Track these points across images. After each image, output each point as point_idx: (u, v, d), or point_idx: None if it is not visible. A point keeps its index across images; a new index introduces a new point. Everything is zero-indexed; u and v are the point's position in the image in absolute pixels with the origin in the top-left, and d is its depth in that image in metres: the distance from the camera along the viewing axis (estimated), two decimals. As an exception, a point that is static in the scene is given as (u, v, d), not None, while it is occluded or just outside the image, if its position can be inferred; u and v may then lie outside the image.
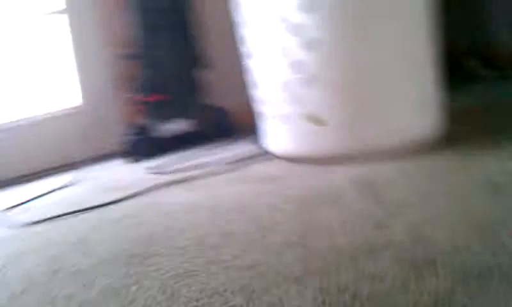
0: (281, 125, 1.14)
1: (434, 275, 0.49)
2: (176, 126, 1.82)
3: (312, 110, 1.04)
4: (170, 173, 1.37)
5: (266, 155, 1.26)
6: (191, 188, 1.12)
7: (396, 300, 0.47)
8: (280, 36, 1.06)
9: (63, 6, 2.14)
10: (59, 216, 1.13)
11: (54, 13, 2.19)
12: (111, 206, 1.12)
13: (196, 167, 1.36)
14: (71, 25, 2.17)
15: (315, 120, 1.06)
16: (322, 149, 1.05)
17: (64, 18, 2.17)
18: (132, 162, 1.81)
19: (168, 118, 1.82)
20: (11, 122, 2.19)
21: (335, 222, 0.68)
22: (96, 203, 1.18)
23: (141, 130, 1.83)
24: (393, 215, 0.65)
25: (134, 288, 0.61)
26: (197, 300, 0.54)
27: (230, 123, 1.87)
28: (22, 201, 1.33)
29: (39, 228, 1.07)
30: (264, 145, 1.30)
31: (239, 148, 1.53)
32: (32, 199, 1.45)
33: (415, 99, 1.01)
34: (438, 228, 0.59)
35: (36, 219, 1.13)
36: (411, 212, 0.66)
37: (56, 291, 0.66)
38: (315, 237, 0.64)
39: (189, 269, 0.63)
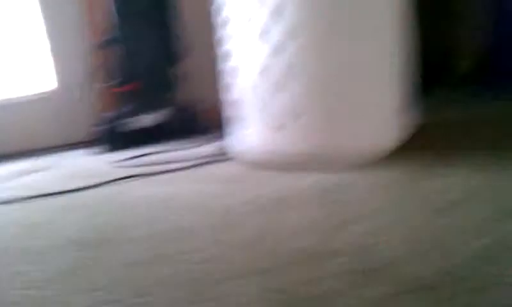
0: (248, 128, 1.15)
1: (374, 283, 0.52)
2: (147, 119, 1.82)
3: (277, 114, 1.06)
4: (135, 166, 1.38)
5: (231, 156, 1.28)
6: (153, 183, 1.12)
7: (333, 304, 0.49)
8: (249, 39, 1.09)
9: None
10: (19, 199, 1.12)
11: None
12: (72, 194, 1.12)
13: (161, 162, 1.36)
14: (43, 8, 2.15)
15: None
16: (284, 152, 1.07)
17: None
18: (101, 152, 1.81)
19: (139, 110, 1.81)
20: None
21: (287, 227, 0.70)
22: (58, 190, 1.18)
23: (112, 121, 1.83)
24: (343, 224, 0.68)
25: (80, 272, 0.62)
26: (140, 289, 0.55)
27: (200, 120, 1.88)
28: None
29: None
30: (230, 146, 1.31)
31: (206, 147, 1.54)
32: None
33: (382, 108, 1.03)
34: (381, 239, 0.61)
35: (-5, 199, 1.12)
36: (359, 222, 0.68)
37: (1, 269, 0.66)
38: (265, 240, 0.66)
39: (137, 260, 0.64)
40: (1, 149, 2.05)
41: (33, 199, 1.11)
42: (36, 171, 1.59)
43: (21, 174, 1.55)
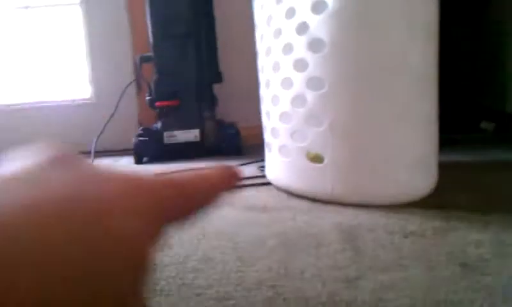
0: (280, 156, 1.17)
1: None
2: (185, 135, 1.86)
3: (311, 146, 1.07)
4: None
5: (265, 181, 1.30)
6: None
7: None
8: (286, 69, 1.11)
9: None
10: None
11: (71, 4, 2.27)
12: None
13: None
14: (88, 17, 2.24)
15: (314, 157, 1.09)
16: (315, 188, 1.08)
17: (81, 11, 2.25)
18: (138, 163, 1.86)
19: (177, 125, 1.86)
20: (27, 103, 2.26)
21: (310, 270, 0.70)
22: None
23: (150, 133, 1.88)
24: (364, 272, 0.68)
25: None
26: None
27: (238, 141, 1.91)
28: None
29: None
30: (264, 171, 1.33)
31: (245, 168, 1.56)
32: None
33: (411, 157, 1.03)
34: (401, 293, 0.62)
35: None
36: (380, 272, 0.68)
37: None
38: (287, 280, 0.67)
39: (163, 288, 0.67)
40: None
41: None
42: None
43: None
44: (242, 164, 1.63)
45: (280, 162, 1.17)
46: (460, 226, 0.86)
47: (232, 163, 1.67)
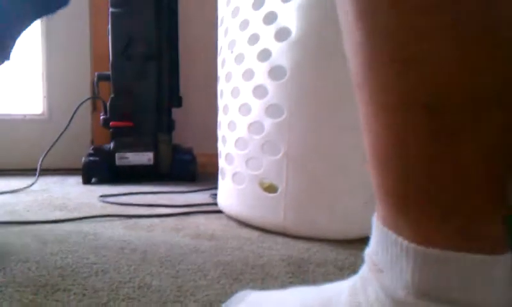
0: (233, 183, 1.13)
1: None
2: (138, 157, 1.80)
3: (266, 175, 1.04)
4: (120, 204, 1.35)
5: (216, 209, 1.25)
6: (133, 227, 1.09)
7: None
8: (245, 95, 1.08)
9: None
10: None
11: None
12: (49, 225, 1.09)
13: (144, 205, 1.33)
14: (47, 29, 2.17)
15: (268, 187, 1.05)
16: (267, 217, 1.04)
17: (40, 22, 2.18)
18: (86, 183, 1.78)
19: (131, 147, 1.80)
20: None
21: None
22: (34, 218, 1.15)
23: (101, 153, 1.81)
24: None
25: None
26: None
27: (194, 167, 1.87)
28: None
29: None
30: (216, 199, 1.29)
31: (194, 195, 1.52)
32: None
33: (370, 193, 1.01)
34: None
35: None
36: None
37: None
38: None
39: (91, 315, 0.61)
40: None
41: (8, 225, 1.08)
42: (18, 192, 1.56)
43: (5, 193, 1.52)
44: (194, 191, 1.58)
45: (233, 189, 1.13)
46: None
47: (184, 189, 1.62)
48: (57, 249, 0.90)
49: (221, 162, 1.21)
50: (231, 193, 1.14)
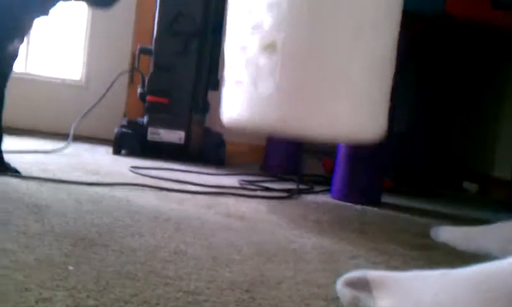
0: (233, 91, 1.11)
1: None
2: (170, 135, 1.82)
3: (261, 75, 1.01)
4: (149, 177, 1.36)
5: (246, 193, 1.26)
6: (164, 198, 1.10)
7: None
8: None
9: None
10: (31, 178, 1.11)
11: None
12: (83, 187, 1.11)
13: (174, 180, 1.35)
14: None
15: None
16: (262, 118, 1.03)
17: None
18: (115, 153, 1.80)
19: (164, 124, 1.81)
20: (21, 73, 2.19)
21: (287, 282, 0.67)
22: (69, 179, 1.17)
23: (134, 126, 1.83)
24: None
25: (71, 267, 0.60)
26: (125, 303, 0.52)
27: (222, 152, 1.88)
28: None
29: (6, 179, 1.06)
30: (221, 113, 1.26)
31: (222, 178, 1.53)
32: (18, 152, 1.44)
33: (360, 98, 1.00)
34: None
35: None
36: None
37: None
38: (263, 287, 0.63)
39: (130, 271, 0.62)
40: (24, 124, 2.06)
41: (46, 181, 1.10)
42: (52, 154, 1.59)
43: (39, 153, 1.55)
44: (223, 174, 1.60)
45: (234, 98, 1.11)
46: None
47: (212, 171, 1.64)
48: (93, 209, 0.92)
49: (225, 73, 1.18)
50: (233, 103, 1.12)
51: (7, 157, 1.15)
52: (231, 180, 1.51)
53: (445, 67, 2.13)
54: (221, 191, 1.27)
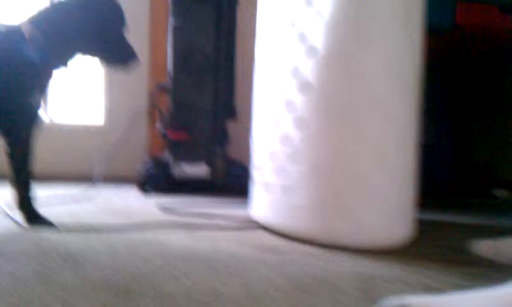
0: (263, 194, 1.19)
1: None
2: (194, 169, 1.83)
3: (293, 186, 1.08)
4: (177, 214, 1.38)
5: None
6: (194, 236, 1.11)
7: None
8: (274, 108, 1.14)
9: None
10: (63, 227, 1.14)
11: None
12: (115, 232, 1.12)
13: (203, 216, 1.36)
14: None
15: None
16: (295, 227, 1.10)
17: None
18: (144, 192, 1.82)
19: (187, 159, 1.84)
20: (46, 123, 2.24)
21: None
22: (99, 224, 1.19)
23: (158, 164, 1.85)
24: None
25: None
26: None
27: (247, 180, 1.88)
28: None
29: (39, 229, 1.08)
30: (249, 210, 1.32)
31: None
32: (47, 200, 1.48)
33: (388, 205, 1.04)
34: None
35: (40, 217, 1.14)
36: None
37: (35, 298, 0.66)
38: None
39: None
40: (51, 171, 2.11)
41: (74, 230, 1.12)
42: (80, 199, 1.62)
43: (67, 200, 1.58)
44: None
45: (265, 200, 1.18)
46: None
47: (238, 201, 1.64)
48: (126, 255, 0.93)
49: (254, 173, 1.27)
50: (263, 203, 1.19)
51: (37, 206, 1.18)
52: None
53: (462, 76, 2.13)
54: (251, 225, 1.27)
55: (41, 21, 1.12)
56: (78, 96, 2.32)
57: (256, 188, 1.24)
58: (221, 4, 1.85)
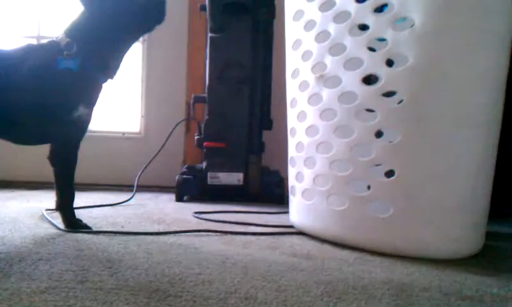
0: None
1: None
2: (229, 178, 1.85)
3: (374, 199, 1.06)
4: (213, 221, 1.39)
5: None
6: (229, 242, 1.12)
7: None
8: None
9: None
10: (101, 232, 1.17)
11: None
12: (151, 237, 1.14)
13: (239, 223, 1.37)
14: (148, 54, 2.31)
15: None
16: (372, 239, 1.07)
17: (142, 48, 2.32)
18: (178, 200, 1.85)
19: (222, 167, 1.85)
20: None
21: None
22: (136, 230, 1.21)
23: (194, 172, 1.88)
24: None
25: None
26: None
27: (282, 189, 1.89)
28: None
29: (79, 236, 1.11)
30: (289, 218, 1.32)
31: (284, 215, 1.53)
32: (86, 207, 1.53)
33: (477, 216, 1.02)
34: None
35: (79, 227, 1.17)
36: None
37: (74, 299, 0.67)
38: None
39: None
40: (89, 179, 2.16)
41: (114, 234, 1.15)
42: (116, 206, 1.65)
43: (106, 206, 1.62)
44: (283, 212, 1.60)
45: (329, 211, 1.15)
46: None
47: (273, 210, 1.64)
48: (162, 259, 0.94)
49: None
50: (324, 214, 1.16)
51: (77, 213, 1.22)
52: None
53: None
54: (284, 231, 1.27)
55: (74, 29, 1.14)
56: (117, 103, 2.37)
57: (297, 197, 1.25)
58: (258, 17, 1.88)
